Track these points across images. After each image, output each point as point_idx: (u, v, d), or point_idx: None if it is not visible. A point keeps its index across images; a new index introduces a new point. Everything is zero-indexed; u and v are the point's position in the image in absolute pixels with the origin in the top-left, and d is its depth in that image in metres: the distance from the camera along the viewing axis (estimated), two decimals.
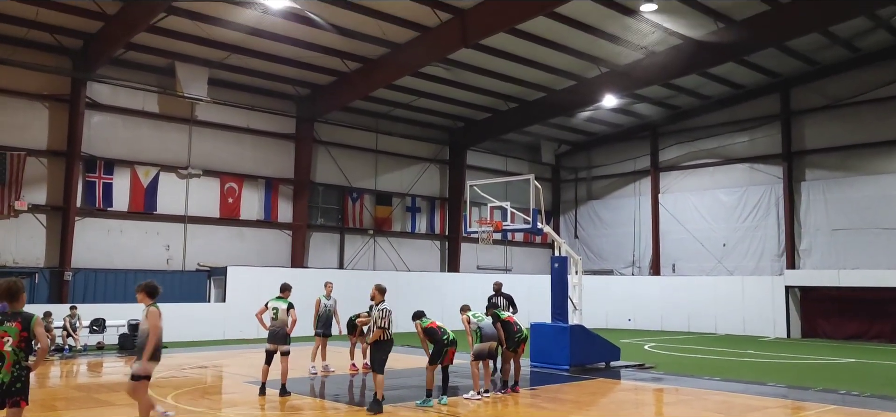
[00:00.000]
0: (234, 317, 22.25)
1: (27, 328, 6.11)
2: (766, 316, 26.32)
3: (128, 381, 8.04)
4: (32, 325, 6.15)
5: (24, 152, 20.92)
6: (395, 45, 22.36)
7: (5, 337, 6.04)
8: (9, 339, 6.04)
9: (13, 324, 6.08)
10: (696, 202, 31.14)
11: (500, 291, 15.02)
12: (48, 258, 21.39)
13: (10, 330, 6.05)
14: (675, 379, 14.26)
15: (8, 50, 20.50)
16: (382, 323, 10.32)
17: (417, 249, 30.93)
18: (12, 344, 6.04)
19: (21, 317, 6.14)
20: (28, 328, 6.11)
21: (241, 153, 25.61)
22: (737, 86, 28.26)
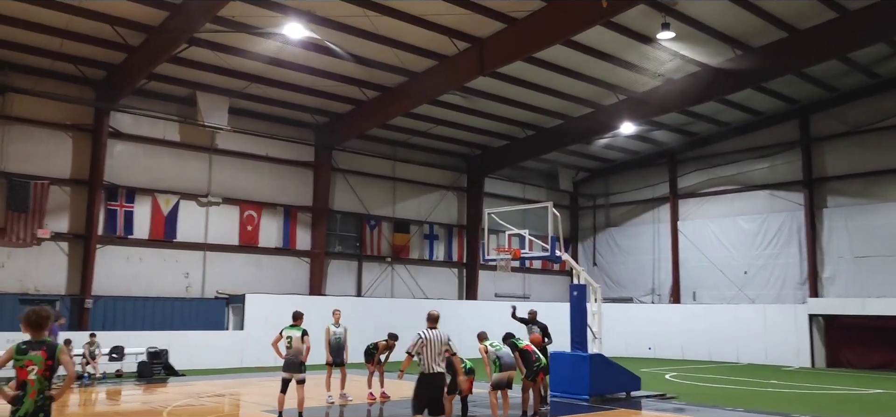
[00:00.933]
0: (252, 345, 22.27)
1: (52, 356, 6.10)
2: (789, 345, 25.88)
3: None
4: (58, 353, 6.13)
5: (48, 181, 21.23)
6: (412, 73, 22.52)
7: (30, 365, 6.02)
8: (34, 368, 6.02)
9: (38, 353, 6.06)
10: (715, 229, 30.85)
11: (536, 319, 15.13)
12: (69, 285, 21.59)
13: (35, 359, 6.04)
14: (697, 410, 14.03)
15: (33, 80, 20.90)
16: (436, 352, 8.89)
17: (435, 277, 30.86)
18: (37, 373, 6.02)
19: (46, 346, 6.12)
20: (53, 356, 6.10)
21: (260, 181, 25.81)
22: (755, 113, 28.10)
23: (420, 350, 8.82)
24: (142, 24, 18.89)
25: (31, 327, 6.18)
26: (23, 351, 6.07)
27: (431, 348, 8.82)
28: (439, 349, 8.87)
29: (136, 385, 17.56)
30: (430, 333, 8.91)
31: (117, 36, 19.16)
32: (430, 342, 8.83)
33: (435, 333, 8.91)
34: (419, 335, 8.89)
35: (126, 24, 18.74)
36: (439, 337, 8.93)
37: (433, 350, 8.80)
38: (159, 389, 16.94)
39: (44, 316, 6.22)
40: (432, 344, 8.83)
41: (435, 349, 8.82)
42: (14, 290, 20.44)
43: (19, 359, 6.04)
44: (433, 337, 8.86)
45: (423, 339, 8.84)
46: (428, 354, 8.79)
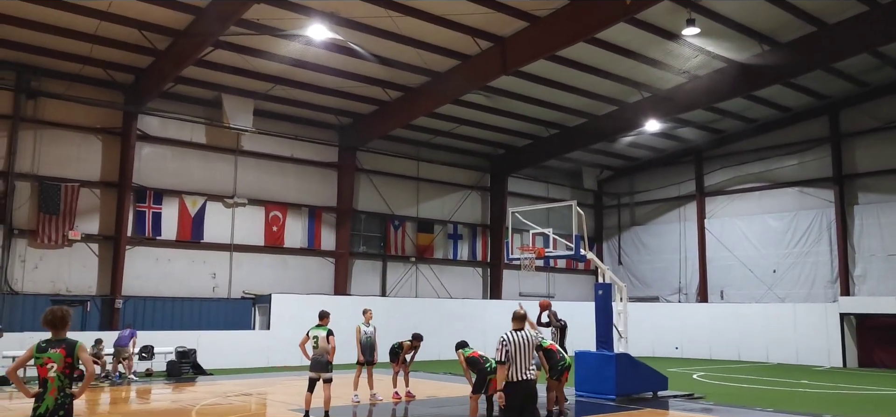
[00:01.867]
0: (279, 345, 22.46)
1: (71, 354, 6.18)
2: (820, 345, 25.46)
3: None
4: (76, 351, 6.21)
5: (78, 183, 21.62)
6: (435, 73, 22.55)
7: (49, 363, 6.11)
8: (53, 365, 6.11)
9: (57, 351, 6.15)
10: (743, 227, 30.46)
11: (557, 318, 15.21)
12: (100, 286, 21.96)
13: (54, 357, 6.13)
14: (725, 410, 13.86)
15: (64, 85, 21.29)
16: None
17: (459, 276, 30.87)
18: (56, 370, 6.11)
19: (65, 344, 6.20)
20: (72, 354, 6.18)
21: (285, 182, 26.02)
22: (784, 109, 27.69)
23: (507, 355, 7.61)
24: (168, 28, 19.15)
25: (51, 326, 6.26)
26: (43, 350, 6.17)
27: (520, 352, 7.64)
28: (529, 352, 7.72)
29: (166, 384, 17.80)
30: (517, 335, 7.71)
31: (145, 40, 19.45)
32: (519, 345, 7.65)
33: (522, 335, 7.74)
34: (504, 338, 7.69)
35: (153, 28, 19.01)
36: (527, 339, 7.75)
37: (522, 354, 7.65)
38: (188, 388, 17.16)
39: (60, 316, 6.27)
40: (521, 348, 7.65)
41: (524, 353, 7.66)
42: (46, 291, 20.84)
43: (39, 357, 6.14)
44: (521, 340, 7.69)
45: (508, 343, 7.64)
46: (516, 359, 7.64)
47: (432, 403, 14.45)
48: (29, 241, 20.88)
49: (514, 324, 7.88)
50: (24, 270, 20.74)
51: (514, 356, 7.62)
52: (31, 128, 21.06)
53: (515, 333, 7.76)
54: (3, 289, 20.12)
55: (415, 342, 14.90)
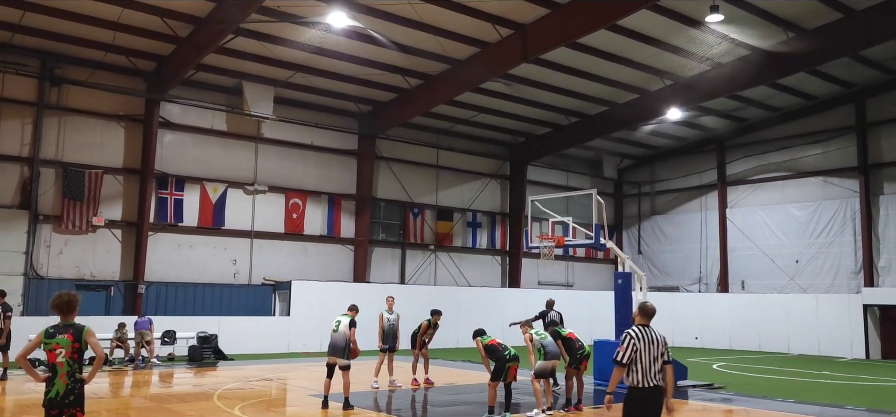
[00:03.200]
0: (299, 331, 22.65)
1: (78, 339, 6.17)
2: (842, 336, 25.16)
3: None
4: (84, 336, 6.20)
5: (102, 170, 21.88)
6: (455, 61, 22.48)
7: (58, 348, 6.12)
8: (61, 351, 6.12)
9: (65, 336, 6.15)
10: (766, 217, 30.14)
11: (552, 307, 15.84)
12: (123, 271, 22.25)
13: (62, 342, 6.13)
14: (745, 401, 13.76)
15: (87, 73, 21.52)
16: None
17: (478, 264, 30.87)
18: (65, 356, 6.11)
19: (72, 329, 6.20)
20: (79, 339, 6.18)
21: (305, 169, 26.15)
22: (808, 97, 27.29)
23: (632, 356, 6.57)
24: (190, 16, 19.27)
25: (59, 310, 6.28)
26: (51, 335, 6.18)
27: (649, 353, 6.58)
28: (656, 354, 6.62)
29: (187, 369, 18.02)
30: (646, 333, 6.67)
31: (166, 28, 19.58)
32: (649, 345, 6.60)
33: (651, 333, 6.69)
34: (630, 335, 6.64)
35: (175, 15, 19.14)
36: (656, 339, 6.68)
37: (649, 355, 6.58)
38: (209, 372, 17.36)
39: (66, 300, 6.28)
40: (648, 348, 6.59)
41: (651, 354, 6.59)
42: (71, 276, 21.15)
43: (48, 343, 6.16)
44: (650, 339, 6.64)
45: (635, 341, 6.59)
46: (642, 361, 6.57)
47: (451, 390, 14.50)
48: (54, 227, 21.19)
49: (640, 320, 6.81)
50: (50, 255, 21.06)
51: (641, 358, 6.54)
52: (55, 116, 21.33)
53: (644, 330, 6.68)
54: (28, 274, 20.45)
55: (434, 318, 14.93)
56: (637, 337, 6.60)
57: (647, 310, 6.85)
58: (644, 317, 6.81)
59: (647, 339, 6.60)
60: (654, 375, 6.56)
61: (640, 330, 6.67)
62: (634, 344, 6.56)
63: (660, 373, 6.61)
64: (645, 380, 6.54)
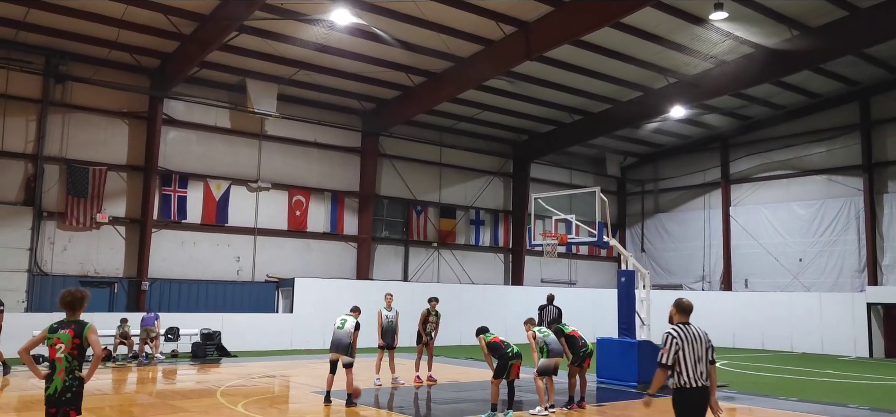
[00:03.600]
0: (302, 328, 22.68)
1: (79, 335, 6.15)
2: (846, 335, 25.11)
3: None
4: (85, 333, 6.17)
5: (105, 167, 21.93)
6: (459, 59, 22.48)
7: (58, 343, 6.12)
8: (61, 346, 6.10)
9: (66, 332, 6.14)
10: (769, 215, 30.09)
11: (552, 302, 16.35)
12: (127, 268, 22.30)
13: (63, 337, 6.13)
14: (748, 399, 13.75)
15: (91, 70, 21.55)
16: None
17: (481, 262, 30.88)
18: (64, 351, 6.09)
19: (74, 325, 6.18)
20: (80, 335, 6.15)
21: (309, 167, 26.16)
22: (813, 96, 27.23)
23: (676, 356, 6.24)
24: (193, 13, 19.29)
25: (67, 306, 6.27)
26: (53, 330, 6.18)
27: (691, 352, 6.25)
28: (700, 352, 6.31)
29: (191, 365, 18.06)
30: (689, 331, 6.34)
31: (170, 25, 19.60)
32: (693, 344, 6.28)
33: (694, 331, 6.35)
34: (671, 334, 6.31)
35: (178, 12, 19.16)
36: (699, 336, 6.35)
37: (693, 354, 6.24)
38: (213, 369, 17.40)
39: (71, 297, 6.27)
40: (692, 346, 6.27)
41: (695, 353, 6.26)
42: (75, 273, 21.20)
43: (50, 338, 6.16)
44: (694, 337, 6.31)
45: (677, 340, 6.26)
46: (687, 361, 6.23)
47: (454, 387, 14.52)
48: (58, 223, 21.24)
49: (679, 317, 6.46)
50: (54, 252, 21.11)
51: (685, 357, 6.20)
52: (59, 112, 21.37)
53: (685, 328, 6.34)
54: (32, 271, 20.50)
55: (432, 304, 14.94)
56: (679, 335, 6.26)
57: (685, 306, 6.48)
58: (683, 314, 6.45)
59: (690, 337, 6.28)
60: (699, 374, 6.24)
61: (681, 328, 6.34)
62: (677, 343, 6.23)
63: (705, 373, 6.28)
64: (691, 381, 6.19)
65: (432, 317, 15.01)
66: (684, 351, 6.21)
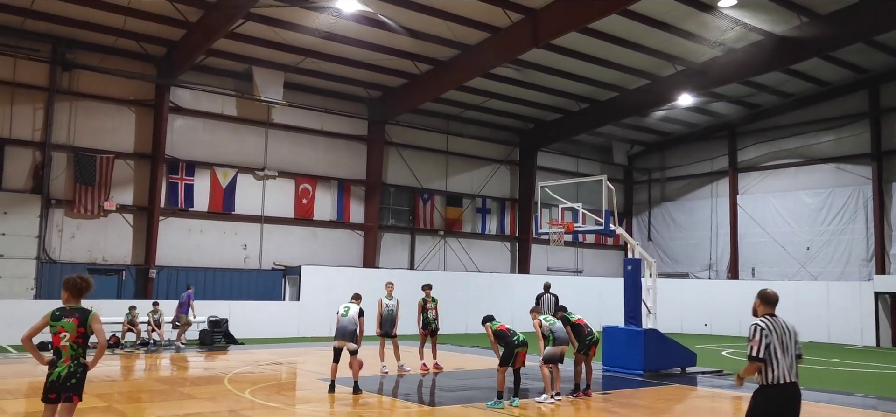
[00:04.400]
0: (308, 316, 22.77)
1: (83, 323, 6.20)
2: (853, 324, 25.05)
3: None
4: (89, 321, 6.23)
5: (113, 155, 22.00)
6: (465, 46, 22.40)
7: (62, 332, 6.17)
8: (66, 334, 6.16)
9: (70, 320, 6.18)
10: (777, 204, 29.97)
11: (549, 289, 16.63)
12: (134, 256, 22.40)
13: (67, 326, 6.17)
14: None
15: (98, 58, 21.59)
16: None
17: (488, 250, 30.89)
18: (69, 339, 6.15)
19: (78, 313, 6.22)
20: (84, 323, 6.21)
21: (315, 155, 26.18)
22: (822, 83, 27.04)
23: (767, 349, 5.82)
24: (200, 0, 19.26)
25: (71, 291, 6.30)
26: (57, 318, 6.22)
27: (780, 345, 5.85)
28: (789, 345, 5.92)
29: (198, 353, 18.16)
30: (777, 323, 5.93)
31: (176, 12, 19.59)
32: (779, 335, 5.88)
33: (780, 323, 5.96)
34: (759, 326, 5.89)
35: (185, 0, 19.14)
36: (787, 329, 5.96)
37: (783, 347, 5.86)
38: (220, 356, 17.49)
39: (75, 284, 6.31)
40: (781, 339, 5.87)
41: (785, 345, 5.87)
42: (83, 260, 21.32)
43: (53, 325, 6.20)
44: (780, 328, 5.92)
45: (766, 332, 5.86)
46: (777, 354, 5.82)
47: (460, 375, 14.55)
48: (66, 211, 21.34)
49: (764, 309, 6.07)
50: (62, 239, 21.23)
51: (775, 351, 5.81)
52: (66, 100, 21.43)
53: (772, 320, 5.95)
54: (41, 258, 20.62)
55: (426, 291, 14.93)
56: (768, 327, 5.87)
57: (770, 297, 6.10)
58: (768, 306, 6.08)
59: (779, 329, 5.91)
60: (789, 369, 5.84)
61: (768, 320, 5.95)
62: (766, 334, 5.83)
63: (795, 368, 5.89)
64: (783, 376, 5.79)
65: (430, 304, 14.99)
66: (774, 345, 5.83)
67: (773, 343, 5.83)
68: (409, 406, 11.14)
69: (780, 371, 5.80)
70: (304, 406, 10.84)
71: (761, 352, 5.80)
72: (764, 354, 5.81)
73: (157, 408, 10.32)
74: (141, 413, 10.03)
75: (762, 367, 5.83)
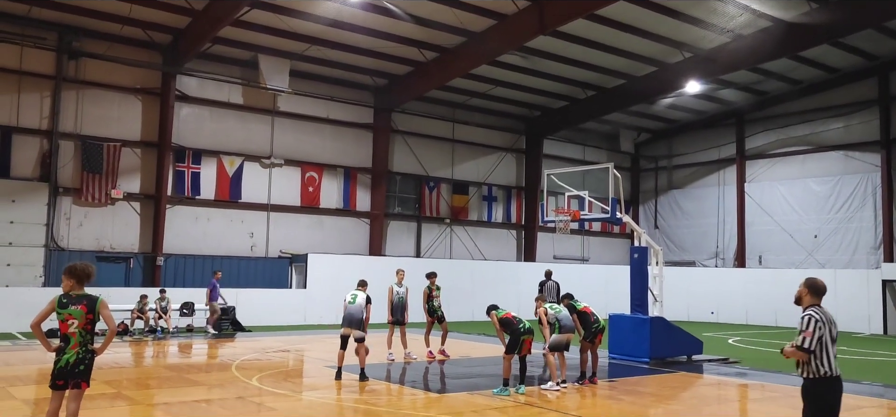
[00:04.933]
0: (315, 303, 22.83)
1: (92, 310, 6.25)
2: (860, 312, 24.93)
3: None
4: (97, 307, 6.27)
5: (119, 143, 22.05)
6: (472, 33, 22.31)
7: (70, 319, 6.21)
8: (74, 321, 6.21)
9: (78, 307, 6.23)
10: (785, 192, 29.84)
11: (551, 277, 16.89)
12: (142, 244, 22.49)
13: (75, 313, 6.22)
14: (760, 375, 13.72)
15: (105, 46, 21.61)
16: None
17: (494, 238, 30.89)
18: (78, 326, 6.21)
19: (86, 300, 6.27)
20: (93, 310, 6.26)
21: (321, 143, 26.18)
22: (831, 70, 26.84)
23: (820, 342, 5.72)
24: None
25: (75, 278, 6.32)
26: (64, 305, 6.24)
27: (830, 336, 5.80)
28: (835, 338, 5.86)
29: (205, 340, 18.25)
30: (824, 314, 5.83)
31: (182, 0, 19.56)
32: (829, 328, 5.80)
33: (828, 314, 5.88)
34: (814, 317, 5.76)
35: None
36: (834, 321, 5.92)
37: (832, 340, 5.82)
38: (228, 343, 17.57)
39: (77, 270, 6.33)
40: (830, 331, 5.81)
41: (833, 338, 5.83)
42: (91, 248, 21.42)
43: (61, 313, 6.23)
44: (829, 320, 5.85)
45: (820, 324, 5.74)
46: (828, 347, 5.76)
47: (466, 362, 14.58)
48: (73, 199, 21.43)
49: (812, 300, 5.93)
50: (70, 227, 21.33)
51: (827, 343, 5.73)
52: (73, 89, 21.47)
53: (823, 312, 5.84)
54: (49, 246, 20.72)
55: (431, 279, 14.94)
56: (821, 320, 5.76)
57: (820, 288, 5.97)
58: (817, 296, 5.95)
59: (829, 321, 5.82)
60: (835, 360, 5.80)
61: (820, 311, 5.82)
62: (820, 327, 5.71)
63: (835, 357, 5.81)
64: (833, 369, 5.74)
65: (436, 292, 15.02)
66: (826, 337, 5.75)
67: (824, 335, 5.75)
68: (416, 393, 11.17)
69: (830, 365, 5.74)
70: (311, 393, 10.89)
71: (813, 344, 5.71)
72: (815, 346, 5.72)
73: (166, 394, 10.39)
74: (150, 399, 10.10)
75: (810, 359, 5.75)
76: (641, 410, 10.02)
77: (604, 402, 10.59)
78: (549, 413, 9.63)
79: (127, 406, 9.50)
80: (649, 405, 10.49)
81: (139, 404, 9.72)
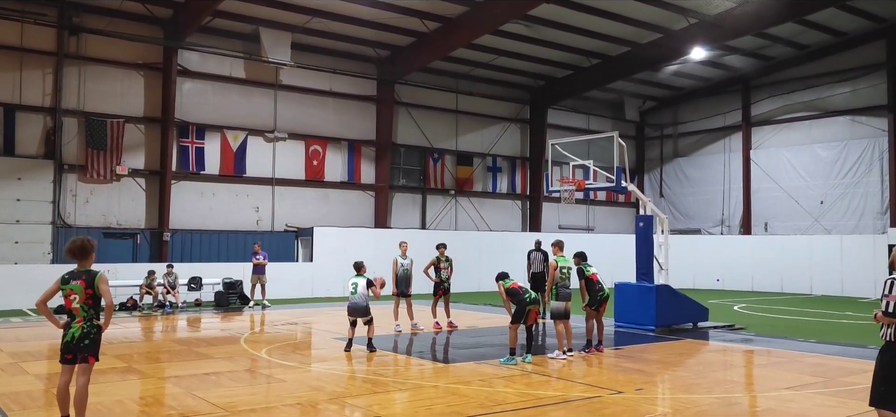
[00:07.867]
0: (322, 276, 22.94)
1: (91, 285, 6.31)
2: (866, 277, 24.91)
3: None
4: (96, 282, 6.32)
5: (123, 119, 22.03)
6: (474, 3, 22.12)
7: (72, 294, 6.31)
8: (75, 296, 6.30)
9: (78, 282, 6.31)
10: (791, 158, 29.71)
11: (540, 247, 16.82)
12: (148, 220, 22.57)
13: (75, 288, 6.30)
14: (766, 341, 13.77)
15: (105, 21, 21.49)
16: None
17: (499, 209, 30.89)
18: (79, 301, 6.29)
19: (86, 275, 6.34)
20: (92, 285, 6.31)
21: (325, 116, 26.12)
22: (838, 34, 26.56)
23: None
24: None
25: (74, 254, 6.41)
26: (66, 281, 6.35)
27: None
28: None
29: (214, 314, 18.38)
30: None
31: None
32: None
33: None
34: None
35: None
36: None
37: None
38: (235, 317, 17.70)
39: (79, 246, 6.39)
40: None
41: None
42: (98, 224, 21.51)
43: (64, 289, 6.35)
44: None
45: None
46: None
47: (473, 332, 14.67)
48: (79, 176, 21.48)
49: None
50: (76, 204, 21.40)
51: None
52: (75, 65, 21.41)
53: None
54: (56, 223, 20.82)
55: (440, 250, 14.94)
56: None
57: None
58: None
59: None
60: None
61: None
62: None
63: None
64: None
65: (444, 264, 15.03)
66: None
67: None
68: (424, 364, 11.26)
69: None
70: (320, 365, 10.97)
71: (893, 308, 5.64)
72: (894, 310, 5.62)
73: (176, 368, 10.48)
74: (160, 372, 10.20)
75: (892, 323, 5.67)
76: (648, 377, 10.08)
77: (610, 370, 10.65)
78: (556, 381, 9.69)
79: (138, 380, 9.60)
80: (655, 372, 10.55)
81: (150, 377, 9.82)
